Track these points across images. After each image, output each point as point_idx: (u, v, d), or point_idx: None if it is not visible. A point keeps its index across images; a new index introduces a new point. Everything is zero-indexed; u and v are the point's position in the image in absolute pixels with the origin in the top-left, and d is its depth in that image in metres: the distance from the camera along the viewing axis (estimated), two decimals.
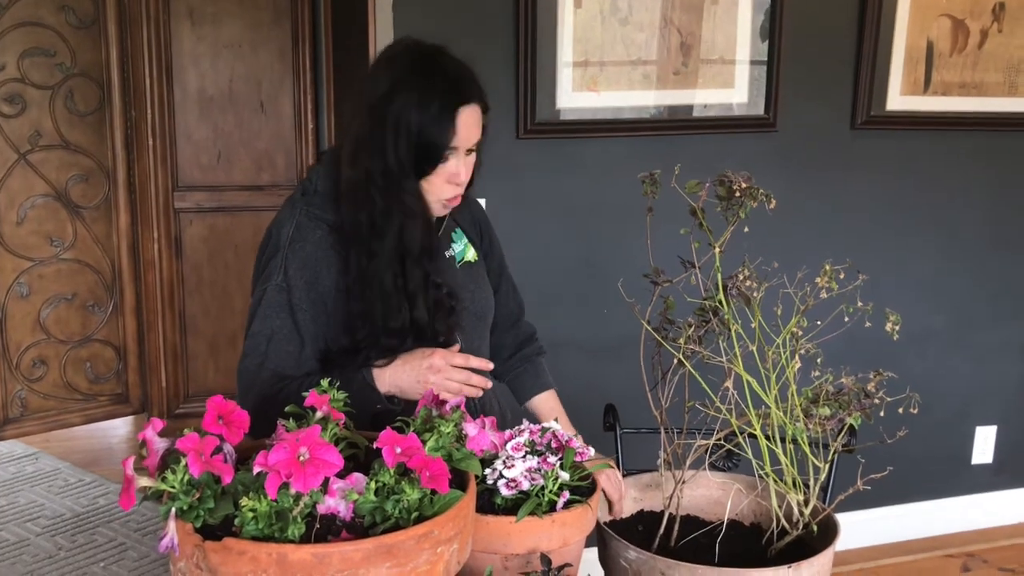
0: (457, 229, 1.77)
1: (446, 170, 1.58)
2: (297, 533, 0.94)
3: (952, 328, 3.31)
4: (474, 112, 1.57)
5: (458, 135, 1.55)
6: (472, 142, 1.58)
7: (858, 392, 1.43)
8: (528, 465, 1.20)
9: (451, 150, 1.56)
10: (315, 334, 1.60)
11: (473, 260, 1.77)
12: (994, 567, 3.24)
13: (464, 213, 1.79)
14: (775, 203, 1.45)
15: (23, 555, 1.62)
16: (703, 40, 2.82)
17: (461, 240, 1.76)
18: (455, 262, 1.73)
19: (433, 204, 1.61)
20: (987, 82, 3.11)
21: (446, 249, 1.72)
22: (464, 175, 1.59)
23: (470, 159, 1.61)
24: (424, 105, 1.53)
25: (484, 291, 1.77)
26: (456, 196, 1.62)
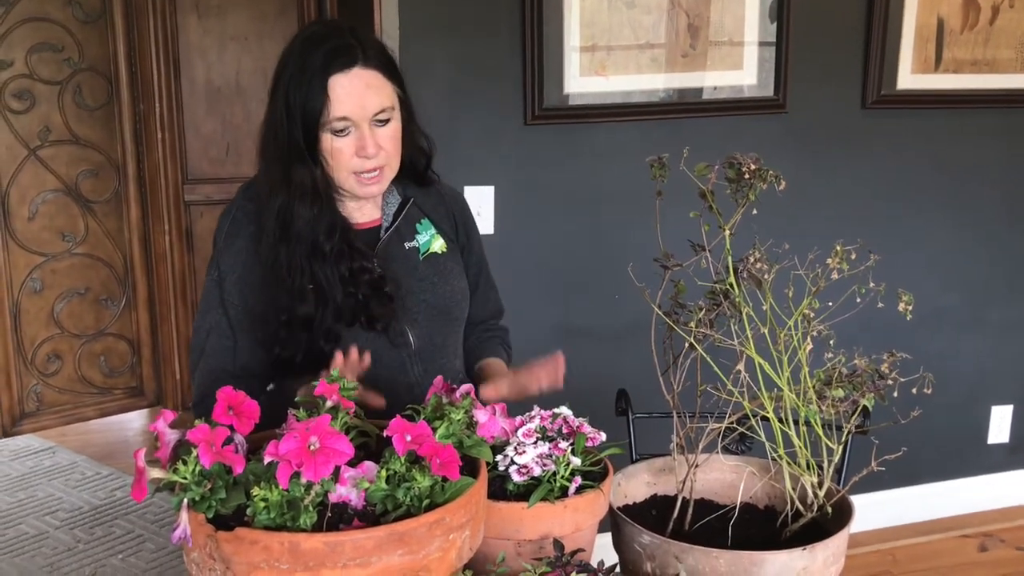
0: (424, 220, 1.70)
1: (350, 142, 1.50)
2: (309, 522, 0.94)
3: (966, 307, 3.29)
4: (358, 77, 1.48)
5: (338, 102, 1.47)
6: (370, 110, 1.49)
7: (872, 373, 1.42)
8: (539, 451, 1.19)
9: (344, 120, 1.48)
10: (249, 327, 1.58)
11: (441, 251, 1.69)
12: (1011, 547, 3.23)
13: (437, 203, 1.73)
14: (785, 184, 1.44)
15: (43, 548, 1.64)
16: (711, 22, 2.80)
17: (427, 231, 1.69)
18: (417, 253, 1.67)
19: (346, 180, 1.54)
20: (999, 59, 3.08)
21: (407, 240, 1.66)
22: (371, 146, 1.50)
23: (383, 131, 1.52)
24: (297, 77, 1.48)
25: (450, 285, 1.69)
26: (375, 171, 1.54)
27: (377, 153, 1.51)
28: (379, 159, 1.52)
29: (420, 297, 1.63)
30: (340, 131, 1.49)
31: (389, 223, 1.65)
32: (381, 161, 1.53)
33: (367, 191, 1.57)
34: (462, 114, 2.69)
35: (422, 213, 1.70)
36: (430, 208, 1.71)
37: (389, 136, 1.53)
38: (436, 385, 1.21)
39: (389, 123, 1.53)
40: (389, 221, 1.65)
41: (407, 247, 1.66)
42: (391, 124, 1.53)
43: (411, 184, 1.70)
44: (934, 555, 3.18)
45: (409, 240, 1.66)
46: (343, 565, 0.92)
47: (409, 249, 1.66)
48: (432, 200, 1.71)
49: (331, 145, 1.50)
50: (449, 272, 1.69)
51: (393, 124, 1.54)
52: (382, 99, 1.50)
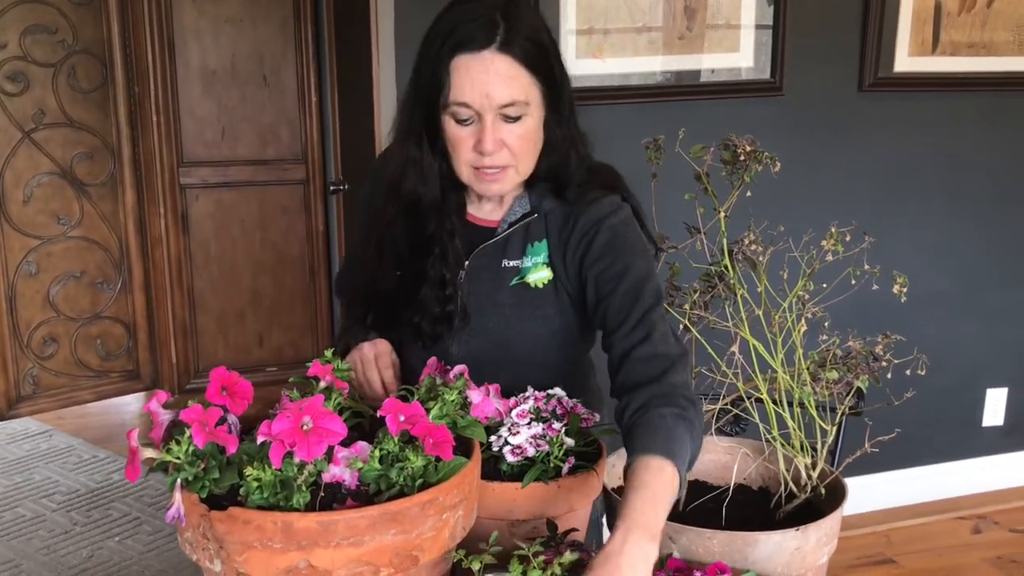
0: (542, 241, 1.47)
1: (469, 133, 1.34)
2: (302, 501, 0.94)
3: (962, 290, 3.30)
4: (487, 62, 1.30)
5: (459, 86, 1.30)
6: (496, 100, 1.31)
7: (866, 355, 1.43)
8: (533, 432, 1.20)
9: (463, 107, 1.32)
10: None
11: (537, 285, 1.46)
12: (1005, 528, 3.24)
13: (564, 223, 1.45)
14: (780, 166, 1.44)
15: (39, 531, 1.64)
16: (708, 4, 2.79)
17: (536, 256, 1.46)
18: (513, 276, 1.46)
19: (464, 172, 1.39)
20: (996, 41, 3.07)
21: (513, 258, 1.46)
22: (489, 142, 1.32)
23: (512, 128, 1.34)
24: (428, 49, 1.34)
25: (523, 325, 1.46)
26: (491, 170, 1.36)
27: (497, 150, 1.34)
28: (500, 158, 1.35)
29: (485, 323, 1.46)
30: (463, 119, 1.33)
31: (502, 231, 1.46)
32: (503, 160, 1.35)
33: (485, 188, 1.40)
34: None
35: (545, 233, 1.46)
36: (556, 229, 1.46)
37: (518, 134, 1.34)
38: (430, 366, 1.21)
39: (521, 120, 1.34)
40: (503, 229, 1.47)
41: (505, 265, 1.46)
42: (524, 121, 1.34)
43: (551, 196, 1.46)
44: (928, 537, 3.20)
45: (513, 258, 1.46)
46: (336, 544, 0.93)
47: (506, 268, 1.46)
48: (563, 219, 1.46)
49: (452, 132, 1.35)
50: (531, 311, 1.46)
51: (527, 122, 1.35)
52: (512, 91, 1.31)
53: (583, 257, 1.43)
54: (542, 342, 1.47)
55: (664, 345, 1.33)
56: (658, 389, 1.26)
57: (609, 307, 1.39)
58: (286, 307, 4.29)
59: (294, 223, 4.24)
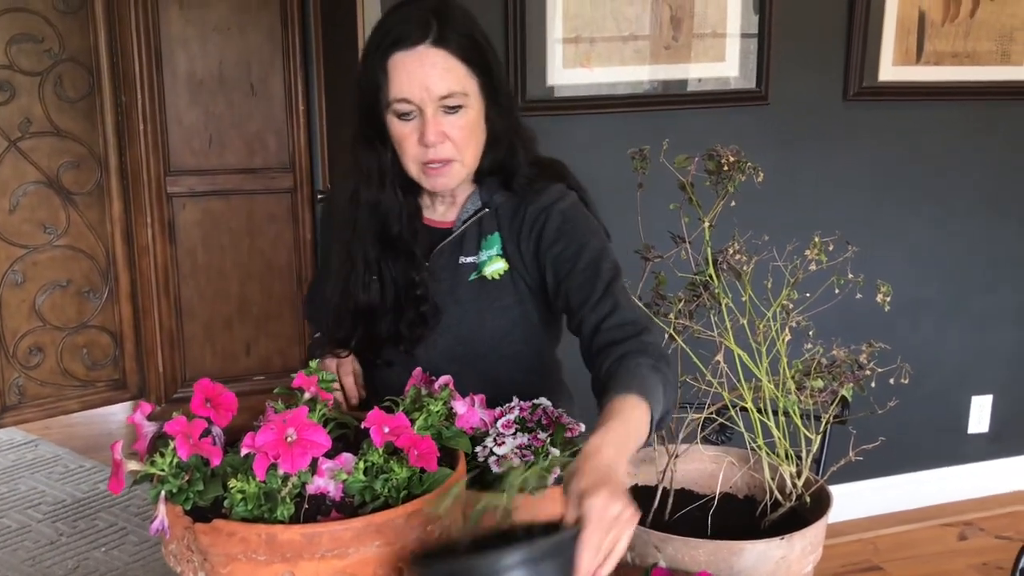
0: (494, 235, 1.50)
1: (413, 129, 1.38)
2: (286, 513, 0.94)
3: (947, 298, 3.31)
4: (423, 57, 1.34)
5: (398, 82, 1.34)
6: (435, 93, 1.34)
7: (851, 363, 1.43)
8: (518, 442, 1.20)
9: (404, 102, 1.36)
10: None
11: (494, 277, 1.49)
12: (991, 535, 3.26)
13: (514, 215, 1.49)
14: (763, 176, 1.45)
15: (25, 541, 1.63)
16: (695, 14, 2.81)
17: (490, 249, 1.50)
18: (470, 271, 1.50)
19: (412, 169, 1.43)
20: (979, 51, 3.10)
21: (468, 254, 1.50)
22: (432, 134, 1.36)
23: (453, 119, 1.37)
24: (367, 54, 1.38)
25: (483, 318, 1.49)
26: (437, 163, 1.39)
27: (440, 142, 1.37)
28: (444, 150, 1.38)
29: (448, 321, 1.49)
30: (404, 115, 1.36)
31: (456, 230, 1.50)
32: (446, 153, 1.38)
33: (433, 183, 1.43)
34: None
35: (496, 226, 1.50)
36: (507, 220, 1.50)
37: (460, 126, 1.38)
38: (415, 377, 1.21)
39: (461, 111, 1.37)
40: (458, 228, 1.51)
41: (462, 262, 1.50)
42: (465, 113, 1.38)
43: (500, 190, 1.50)
44: (915, 544, 3.21)
45: (469, 254, 1.50)
46: (320, 556, 0.93)
47: (463, 265, 1.50)
48: (513, 209, 1.49)
49: (396, 129, 1.38)
50: (490, 303, 1.50)
51: (468, 113, 1.38)
52: (449, 83, 1.35)
53: (538, 243, 1.47)
54: (504, 333, 1.50)
55: (632, 314, 1.38)
56: (633, 345, 1.32)
57: (571, 287, 1.42)
58: (274, 316, 4.28)
59: (282, 232, 4.23)
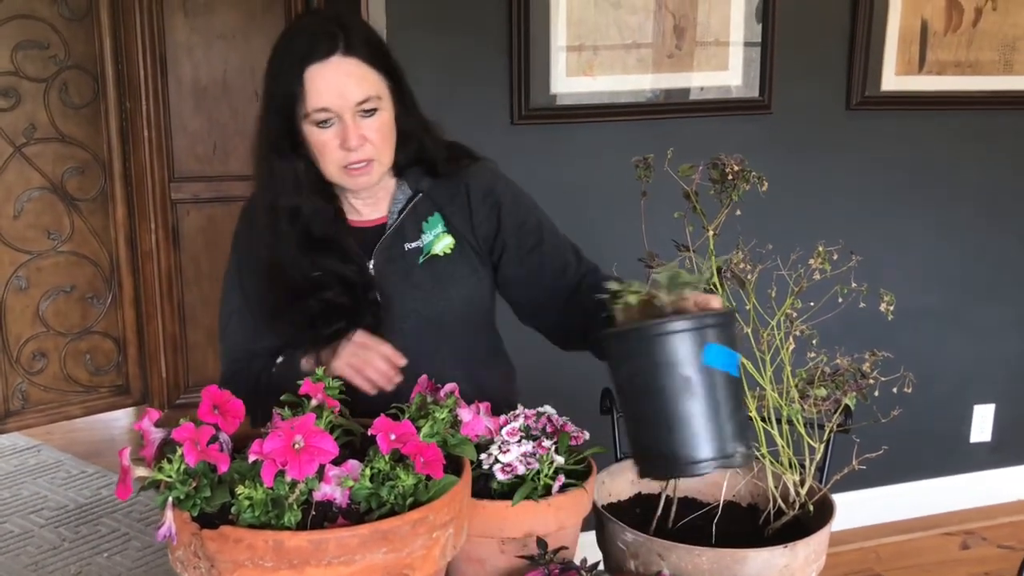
0: (433, 216, 1.60)
1: (334, 134, 1.45)
2: (293, 520, 0.95)
3: (949, 307, 3.32)
4: (336, 66, 1.42)
5: (315, 93, 1.42)
6: (352, 100, 1.43)
7: (854, 372, 1.44)
8: (523, 450, 1.20)
9: (324, 111, 1.43)
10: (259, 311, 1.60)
11: (444, 253, 1.59)
12: (993, 544, 3.26)
13: (454, 194, 1.60)
14: (767, 185, 1.46)
15: (27, 547, 1.64)
16: (698, 23, 2.82)
17: (433, 230, 1.59)
18: (418, 255, 1.58)
19: (334, 173, 1.49)
20: (982, 61, 3.11)
21: (411, 240, 1.58)
22: (354, 138, 1.44)
23: (369, 122, 1.46)
24: (276, 68, 1.45)
25: (447, 292, 1.58)
26: (361, 163, 1.47)
27: (361, 145, 1.45)
28: (364, 151, 1.47)
29: (410, 306, 1.56)
30: (323, 122, 1.44)
31: (392, 221, 1.58)
32: (367, 153, 1.47)
33: (354, 183, 1.51)
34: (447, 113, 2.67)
35: (434, 208, 1.60)
36: (445, 201, 1.60)
37: (376, 127, 1.47)
38: (421, 384, 1.22)
39: (376, 113, 1.46)
40: (393, 219, 1.59)
41: (408, 248, 1.58)
42: (379, 115, 1.47)
43: (426, 177, 1.60)
44: (917, 553, 3.21)
45: (412, 240, 1.58)
46: (327, 563, 0.93)
47: (409, 251, 1.58)
48: (449, 191, 1.60)
49: (316, 138, 1.46)
50: (448, 278, 1.59)
51: (381, 115, 1.47)
52: (365, 88, 1.44)
53: (498, 217, 1.60)
54: (468, 302, 1.61)
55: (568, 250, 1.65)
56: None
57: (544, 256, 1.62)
58: None
59: None
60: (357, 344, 1.46)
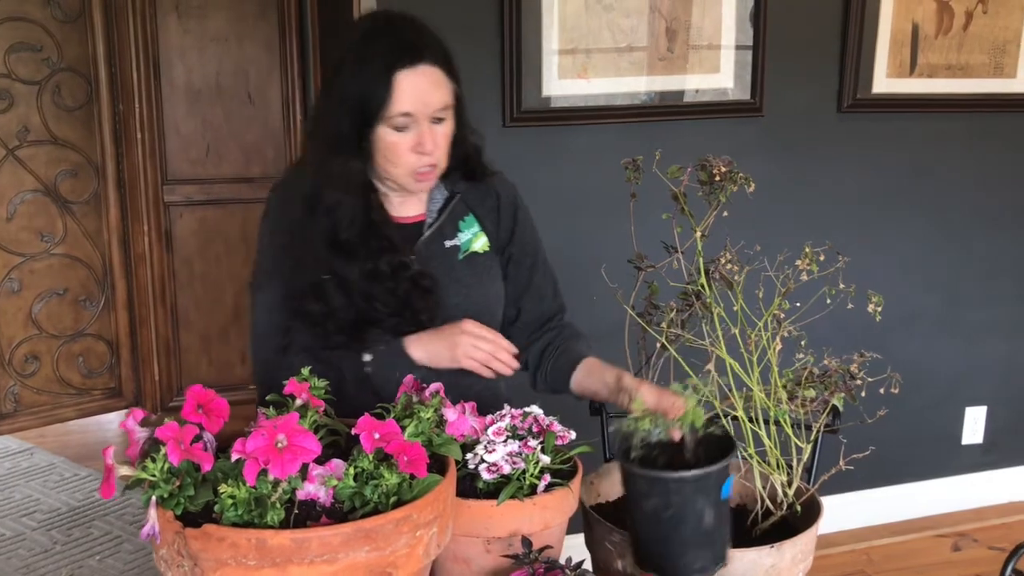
0: (468, 216, 1.67)
1: (407, 138, 1.49)
2: (276, 519, 0.95)
3: (941, 309, 3.32)
4: (423, 74, 1.47)
5: (400, 99, 1.45)
6: (432, 107, 1.48)
7: (842, 373, 1.44)
8: (509, 449, 1.20)
9: (406, 116, 1.47)
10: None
11: (482, 251, 1.66)
12: (984, 546, 3.26)
13: (485, 197, 1.68)
14: (754, 187, 1.46)
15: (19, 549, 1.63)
16: (691, 26, 2.82)
17: (470, 229, 1.66)
18: (457, 252, 1.64)
19: (401, 175, 1.53)
20: (973, 64, 3.12)
21: (450, 238, 1.64)
22: (429, 143, 1.49)
23: (439, 128, 1.51)
24: (358, 68, 1.47)
25: (485, 288, 1.66)
26: (428, 168, 1.52)
27: (434, 151, 1.50)
28: (435, 156, 1.52)
29: (454, 300, 1.60)
30: (400, 127, 1.48)
31: (433, 219, 1.63)
32: (436, 159, 1.52)
33: (420, 187, 1.57)
34: None
35: (468, 209, 1.67)
36: (477, 203, 1.67)
37: (444, 134, 1.52)
38: (406, 384, 1.22)
39: (444, 122, 1.52)
40: (433, 218, 1.63)
41: (447, 245, 1.63)
42: (446, 123, 1.52)
43: (461, 179, 1.66)
44: (908, 555, 3.21)
45: (450, 238, 1.64)
46: (310, 561, 0.93)
47: (449, 248, 1.63)
48: (480, 195, 1.67)
49: (388, 139, 1.49)
50: (486, 273, 1.66)
51: (448, 122, 1.53)
52: (443, 97, 1.49)
53: (513, 230, 1.70)
54: (499, 298, 1.68)
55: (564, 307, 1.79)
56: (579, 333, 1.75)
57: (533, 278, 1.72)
58: None
59: None
60: (475, 336, 1.50)
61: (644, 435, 1.32)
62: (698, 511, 1.22)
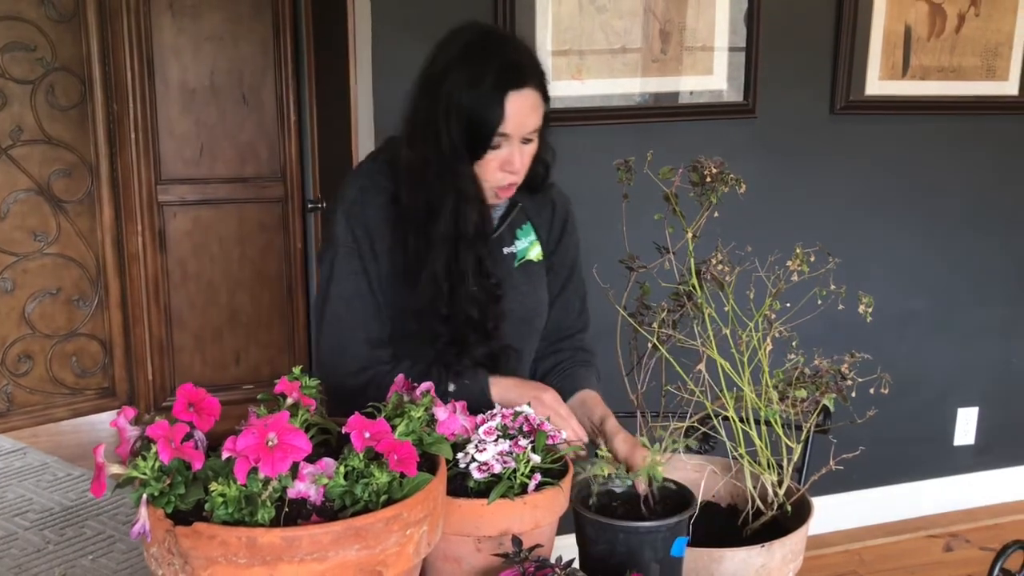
0: (526, 224, 1.70)
1: (498, 156, 1.53)
2: (267, 517, 0.95)
3: (933, 310, 3.33)
4: (527, 98, 1.51)
5: (508, 119, 1.49)
6: (527, 129, 1.52)
7: (833, 374, 1.45)
8: (500, 448, 1.21)
9: (503, 136, 1.51)
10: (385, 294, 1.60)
11: (536, 259, 1.70)
12: (976, 547, 3.27)
13: (542, 208, 1.72)
14: (745, 188, 1.46)
15: (11, 549, 1.63)
16: (686, 27, 2.83)
17: (527, 237, 1.70)
18: (513, 259, 1.67)
19: (485, 191, 1.57)
20: (965, 66, 3.13)
21: (508, 245, 1.67)
22: (518, 163, 1.53)
23: (527, 148, 1.54)
24: (474, 86, 1.49)
25: (537, 295, 1.70)
26: (509, 185, 1.57)
27: (520, 169, 1.54)
28: (519, 176, 1.55)
29: (509, 306, 1.63)
30: (495, 146, 1.51)
31: (495, 227, 1.65)
32: (519, 178, 1.56)
33: (498, 201, 1.60)
34: None
35: (526, 218, 1.70)
36: (535, 213, 1.71)
37: (529, 154, 1.55)
38: (397, 383, 1.22)
39: (532, 142, 1.55)
40: (495, 225, 1.65)
41: (505, 252, 1.66)
42: (534, 143, 1.55)
43: (522, 188, 1.66)
44: (901, 555, 3.22)
45: (508, 245, 1.66)
46: (300, 560, 0.93)
47: (507, 255, 1.66)
48: (539, 205, 1.71)
49: (490, 156, 1.52)
50: (539, 281, 1.70)
51: (535, 143, 1.56)
52: (536, 119, 1.53)
53: (560, 239, 1.73)
54: (545, 306, 1.72)
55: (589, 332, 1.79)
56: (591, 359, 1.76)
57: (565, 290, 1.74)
58: (263, 325, 4.29)
59: (272, 241, 4.24)
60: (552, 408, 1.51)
61: (603, 483, 1.34)
62: (644, 564, 1.23)
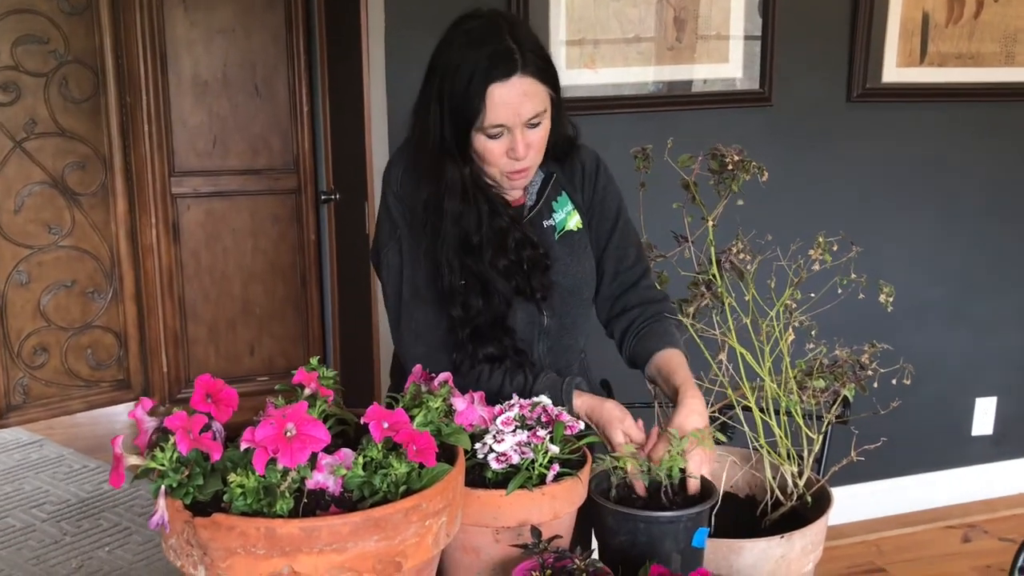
0: (561, 195, 1.68)
1: (501, 144, 1.51)
2: (285, 508, 0.94)
3: (951, 299, 3.31)
4: (516, 86, 1.47)
5: (493, 113, 1.47)
6: (525, 116, 1.49)
7: (853, 364, 1.43)
8: (518, 439, 1.20)
9: (496, 127, 1.49)
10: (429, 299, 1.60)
11: (576, 228, 1.68)
12: (994, 537, 3.25)
13: (572, 174, 1.70)
14: (767, 176, 1.45)
15: (29, 540, 1.64)
16: (700, 15, 2.81)
17: (563, 208, 1.68)
18: (554, 231, 1.66)
19: (497, 178, 1.56)
20: (983, 52, 3.09)
21: (546, 218, 1.66)
22: (521, 149, 1.50)
23: (533, 132, 1.52)
24: (454, 78, 1.48)
25: (582, 264, 1.68)
26: (520, 170, 1.55)
27: (527, 155, 1.52)
28: (527, 160, 1.53)
29: (553, 278, 1.63)
30: (494, 135, 1.50)
31: (534, 202, 1.65)
32: (529, 162, 1.54)
33: (514, 185, 1.59)
34: None
35: (560, 188, 1.69)
36: (566, 181, 1.70)
37: (539, 137, 1.53)
38: (415, 374, 1.21)
39: (540, 125, 1.53)
40: (533, 200, 1.66)
41: (545, 225, 1.65)
42: (542, 126, 1.53)
43: (551, 159, 1.67)
44: (919, 546, 3.20)
45: (547, 218, 1.66)
46: (319, 550, 0.93)
47: (547, 228, 1.66)
48: (569, 172, 1.70)
49: (483, 145, 1.51)
50: (582, 251, 1.68)
51: (544, 126, 1.54)
52: (536, 105, 1.50)
53: (593, 192, 1.70)
54: (593, 274, 1.70)
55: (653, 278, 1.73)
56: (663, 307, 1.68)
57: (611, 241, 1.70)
58: (277, 316, 4.29)
59: (285, 232, 4.24)
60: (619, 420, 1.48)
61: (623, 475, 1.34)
62: (664, 554, 1.22)
